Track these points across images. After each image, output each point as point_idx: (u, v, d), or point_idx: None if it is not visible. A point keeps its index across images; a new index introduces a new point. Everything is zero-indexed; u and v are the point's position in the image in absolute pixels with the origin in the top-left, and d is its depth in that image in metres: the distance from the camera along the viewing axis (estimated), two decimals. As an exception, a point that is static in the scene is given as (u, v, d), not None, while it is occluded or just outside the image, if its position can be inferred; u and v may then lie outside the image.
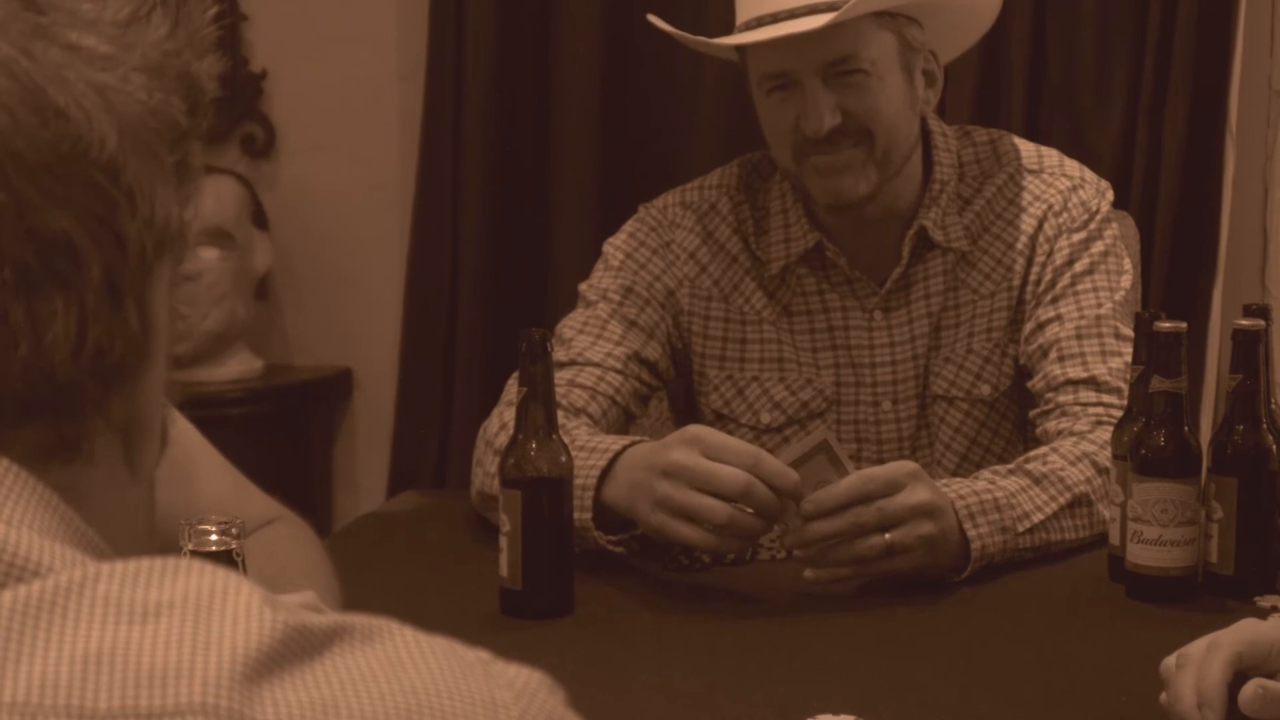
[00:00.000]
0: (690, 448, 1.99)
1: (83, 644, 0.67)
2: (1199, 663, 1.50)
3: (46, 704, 0.66)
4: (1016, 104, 3.43)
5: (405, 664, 0.71)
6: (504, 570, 1.96)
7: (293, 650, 0.69)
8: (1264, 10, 3.45)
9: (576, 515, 2.05)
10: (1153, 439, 1.98)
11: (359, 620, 0.72)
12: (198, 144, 0.84)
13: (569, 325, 2.43)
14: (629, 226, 2.51)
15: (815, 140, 2.31)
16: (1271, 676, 1.51)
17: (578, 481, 2.05)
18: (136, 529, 0.88)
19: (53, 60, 0.77)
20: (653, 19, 2.46)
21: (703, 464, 1.97)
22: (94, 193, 0.77)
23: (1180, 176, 3.38)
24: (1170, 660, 1.55)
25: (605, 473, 2.09)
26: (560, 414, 2.14)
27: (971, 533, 2.05)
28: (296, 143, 3.90)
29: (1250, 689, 1.47)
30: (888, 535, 1.98)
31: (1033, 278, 2.42)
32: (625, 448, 2.10)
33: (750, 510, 1.97)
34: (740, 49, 2.38)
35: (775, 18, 2.29)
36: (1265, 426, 2.00)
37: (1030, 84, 3.45)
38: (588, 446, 2.12)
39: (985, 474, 2.17)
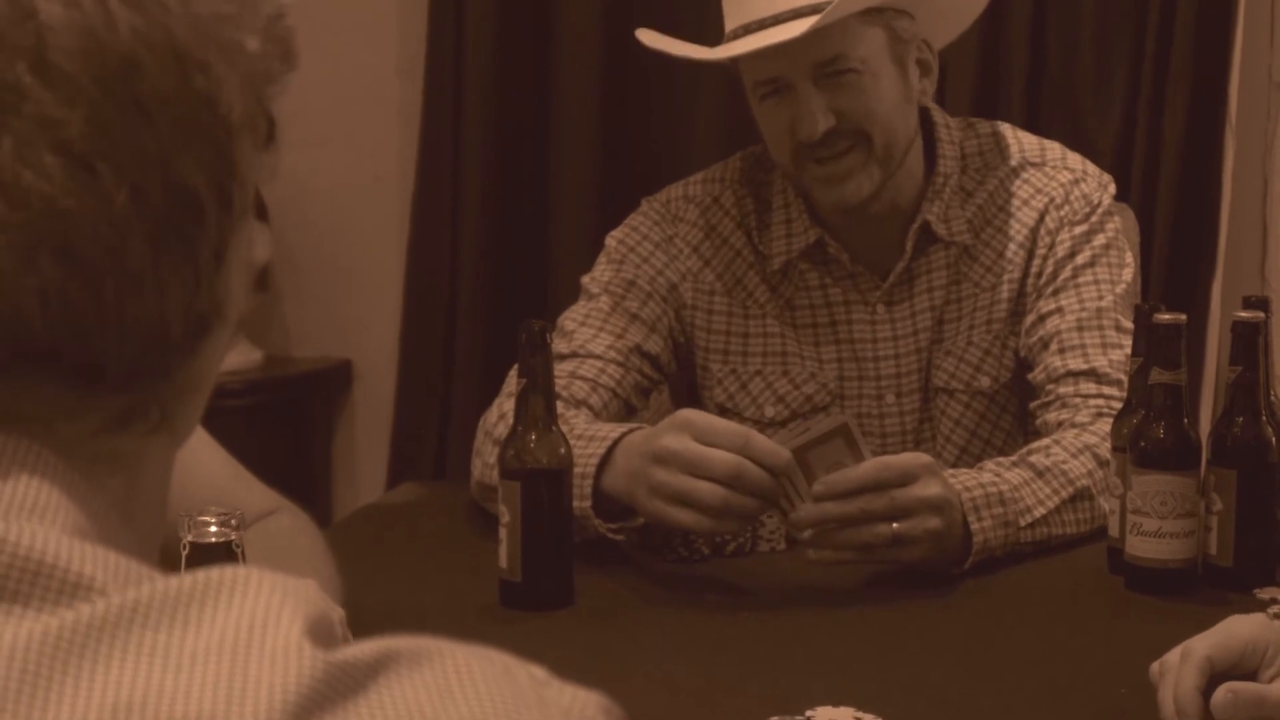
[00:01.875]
0: (681, 432, 1.99)
1: (114, 690, 0.64)
2: (1174, 671, 1.51)
3: None
4: (1016, 96, 3.43)
5: (455, 694, 0.67)
6: (503, 562, 1.96)
7: (334, 690, 0.65)
8: (1264, 2, 3.45)
9: (576, 504, 2.05)
10: (1152, 431, 1.98)
11: (405, 644, 0.69)
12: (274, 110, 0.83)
13: (571, 318, 2.43)
14: (632, 220, 2.51)
15: (812, 144, 2.31)
16: (1251, 674, 1.52)
17: (577, 470, 2.05)
18: (164, 494, 0.87)
19: (193, 19, 0.76)
20: (641, 36, 2.45)
21: (694, 448, 1.97)
22: (217, 153, 0.77)
23: (1180, 169, 3.37)
24: (1155, 667, 1.56)
25: (604, 461, 2.09)
26: (561, 405, 2.14)
27: (975, 526, 2.05)
28: (296, 135, 3.87)
29: (1220, 695, 1.48)
30: (895, 525, 1.98)
31: (1034, 270, 2.42)
32: (623, 435, 2.10)
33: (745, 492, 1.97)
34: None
35: (761, 24, 2.29)
36: (1265, 419, 2.00)
37: (1030, 76, 3.44)
38: (585, 435, 2.12)
39: (990, 465, 2.17)
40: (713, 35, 2.44)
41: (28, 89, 0.71)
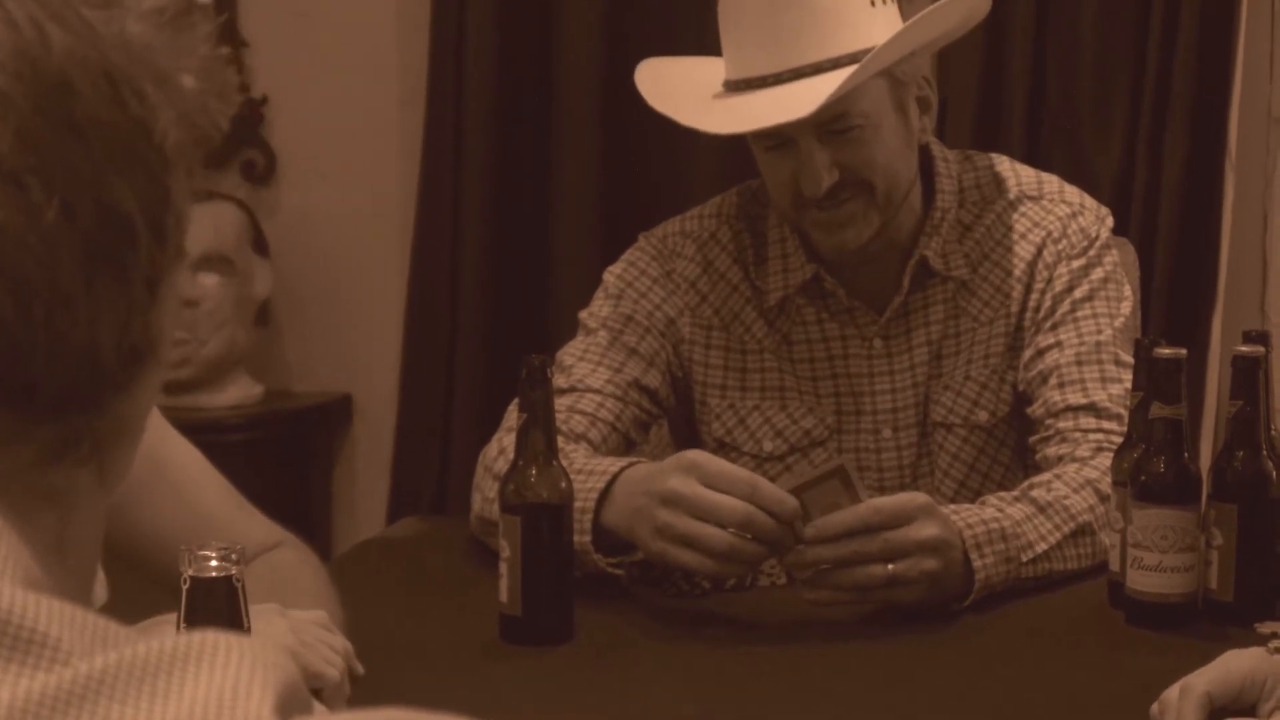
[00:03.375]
0: (688, 475, 1.99)
1: None
2: (1174, 708, 1.51)
3: None
4: (1016, 132, 3.43)
5: None
6: (504, 596, 1.96)
7: None
8: (1263, 37, 3.46)
9: (576, 538, 2.05)
10: (1153, 465, 1.98)
11: (377, 717, 0.67)
12: (204, 152, 0.83)
13: (569, 353, 2.43)
14: (630, 255, 2.51)
15: (813, 198, 2.31)
16: (1249, 709, 1.52)
17: (577, 504, 2.05)
18: (97, 541, 0.86)
19: (126, 46, 0.77)
20: (641, 86, 2.45)
21: (702, 493, 1.97)
22: (151, 179, 0.77)
23: (1180, 203, 3.38)
24: (1155, 708, 1.56)
25: (604, 495, 2.09)
26: (560, 440, 2.14)
27: (977, 563, 2.04)
28: (297, 168, 3.90)
29: None
30: (890, 566, 1.98)
31: (1032, 304, 2.42)
32: (622, 470, 2.10)
33: (750, 537, 1.97)
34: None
35: (763, 81, 2.28)
36: (1265, 453, 2.00)
37: (1030, 111, 3.45)
38: (585, 469, 2.12)
39: (992, 500, 2.16)
40: (712, 50, 2.44)
41: None
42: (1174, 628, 1.97)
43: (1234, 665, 1.54)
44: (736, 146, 2.46)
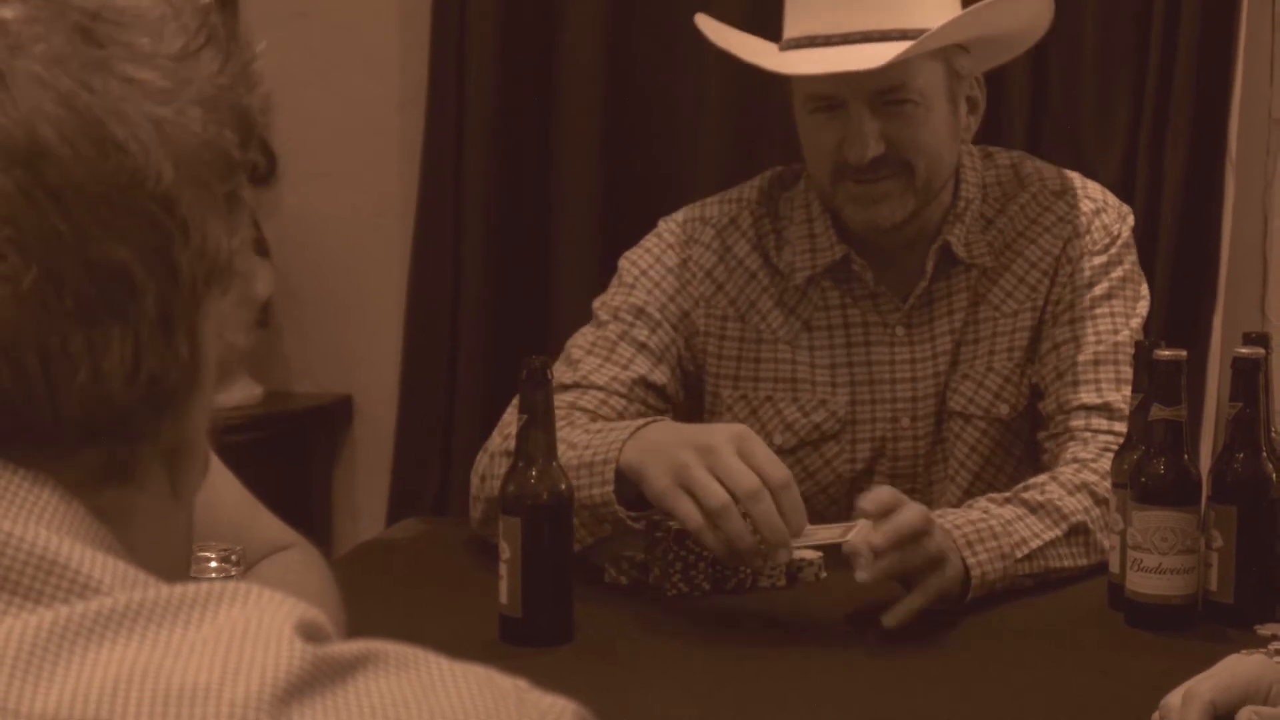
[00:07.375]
0: (729, 441, 1.98)
1: (115, 667, 0.68)
2: (1176, 714, 1.51)
3: (75, 717, 0.67)
4: (1018, 133, 3.43)
5: (437, 690, 0.72)
6: (504, 597, 1.96)
7: (323, 674, 0.70)
8: (1264, 39, 3.46)
9: (598, 491, 2.05)
10: (1152, 467, 1.98)
11: (393, 648, 0.74)
12: (245, 174, 0.85)
13: (578, 344, 2.42)
14: (647, 241, 2.51)
15: (856, 166, 2.31)
16: None
17: (598, 457, 2.04)
18: (175, 551, 0.90)
19: (112, 93, 0.78)
20: (701, 25, 2.46)
21: (734, 460, 1.95)
22: (149, 225, 0.79)
23: (1181, 205, 3.38)
24: (1156, 717, 1.56)
25: (627, 441, 2.08)
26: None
27: (970, 560, 2.05)
28: (297, 169, 3.90)
29: (1245, 715, 1.48)
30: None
31: (1054, 298, 2.43)
32: (651, 421, 2.11)
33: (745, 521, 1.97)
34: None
35: (828, 40, 2.30)
36: (1265, 455, 2.00)
37: (1032, 113, 3.45)
38: (604, 429, 2.12)
39: (980, 503, 2.17)
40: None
41: None
42: (1174, 630, 1.97)
43: (1238, 671, 1.54)
44: (739, 148, 2.46)
